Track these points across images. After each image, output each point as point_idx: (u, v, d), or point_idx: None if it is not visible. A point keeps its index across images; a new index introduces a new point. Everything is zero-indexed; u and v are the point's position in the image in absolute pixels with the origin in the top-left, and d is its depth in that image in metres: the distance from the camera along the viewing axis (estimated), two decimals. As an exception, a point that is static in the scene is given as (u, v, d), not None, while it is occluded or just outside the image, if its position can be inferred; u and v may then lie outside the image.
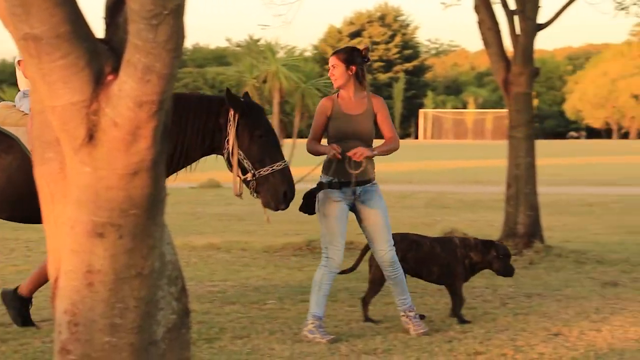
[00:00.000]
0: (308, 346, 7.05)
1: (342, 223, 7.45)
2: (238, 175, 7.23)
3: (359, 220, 7.66)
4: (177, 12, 3.24)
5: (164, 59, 3.28)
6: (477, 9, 12.53)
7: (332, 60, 7.61)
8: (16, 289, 7.85)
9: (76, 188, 3.50)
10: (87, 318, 3.57)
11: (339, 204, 7.45)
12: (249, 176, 7.20)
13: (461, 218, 17.81)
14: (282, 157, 7.27)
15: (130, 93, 3.30)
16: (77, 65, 3.32)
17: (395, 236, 7.86)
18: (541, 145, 13.76)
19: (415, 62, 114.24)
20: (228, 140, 7.18)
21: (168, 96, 3.40)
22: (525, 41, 12.21)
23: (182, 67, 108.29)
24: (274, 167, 7.18)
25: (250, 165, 7.20)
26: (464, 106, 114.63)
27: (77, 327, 3.58)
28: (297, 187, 7.42)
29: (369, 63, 7.68)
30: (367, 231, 7.63)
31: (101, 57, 3.39)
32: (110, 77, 3.38)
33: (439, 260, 8.10)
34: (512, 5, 12.37)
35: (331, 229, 7.43)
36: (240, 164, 7.23)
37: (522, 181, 12.17)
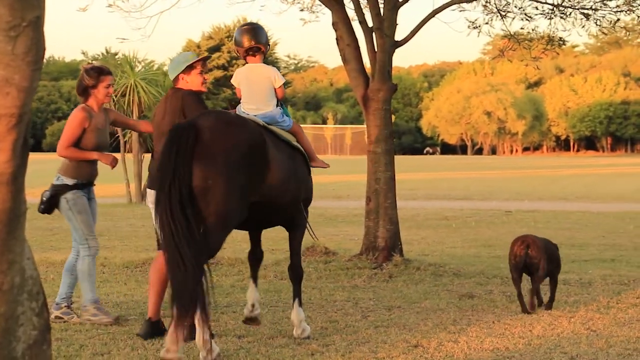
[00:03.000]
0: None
1: (91, 216, 8.81)
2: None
3: None
4: (36, 24, 3.19)
5: (24, 72, 3.23)
6: (335, 25, 12.63)
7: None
8: (148, 320, 8.07)
9: None
10: (-57, 336, 3.48)
11: (85, 201, 8.74)
12: None
13: (322, 232, 17.92)
14: None
15: (-12, 106, 3.24)
16: None
17: (532, 237, 9.29)
18: (398, 160, 13.97)
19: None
20: None
21: (28, 109, 3.34)
22: (382, 58, 12.37)
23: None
24: None
25: None
26: (324, 122, 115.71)
27: None
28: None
29: None
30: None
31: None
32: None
33: (557, 257, 9.55)
34: (370, 22, 12.52)
35: (87, 222, 8.73)
36: None
37: (382, 195, 12.31)
